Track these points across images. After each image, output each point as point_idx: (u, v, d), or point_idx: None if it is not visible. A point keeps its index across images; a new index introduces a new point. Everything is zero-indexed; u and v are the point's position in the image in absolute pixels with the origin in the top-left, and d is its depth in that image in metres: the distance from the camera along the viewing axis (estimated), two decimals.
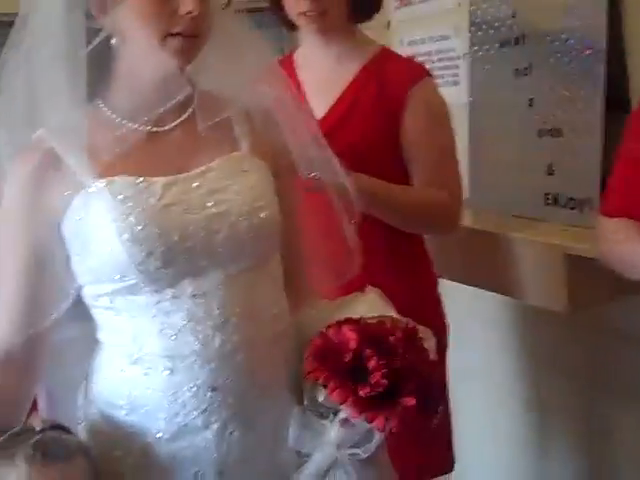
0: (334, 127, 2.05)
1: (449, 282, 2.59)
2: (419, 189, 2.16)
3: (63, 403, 1.58)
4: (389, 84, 2.13)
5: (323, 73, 2.20)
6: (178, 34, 1.40)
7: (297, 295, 1.57)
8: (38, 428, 1.40)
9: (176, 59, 1.42)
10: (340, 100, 2.15)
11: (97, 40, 1.40)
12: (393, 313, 1.52)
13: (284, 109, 1.56)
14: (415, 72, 2.19)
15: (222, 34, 1.49)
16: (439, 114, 2.18)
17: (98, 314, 1.49)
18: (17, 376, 1.48)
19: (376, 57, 2.20)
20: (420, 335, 1.44)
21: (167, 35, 1.40)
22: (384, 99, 2.12)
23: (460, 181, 2.22)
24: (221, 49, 1.50)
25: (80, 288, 1.48)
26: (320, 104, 2.12)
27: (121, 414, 1.46)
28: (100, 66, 1.44)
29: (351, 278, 1.63)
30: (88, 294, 1.48)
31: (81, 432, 1.50)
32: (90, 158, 1.42)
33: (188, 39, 1.42)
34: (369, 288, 1.60)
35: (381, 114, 2.12)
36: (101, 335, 1.51)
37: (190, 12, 1.39)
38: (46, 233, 1.44)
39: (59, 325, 1.49)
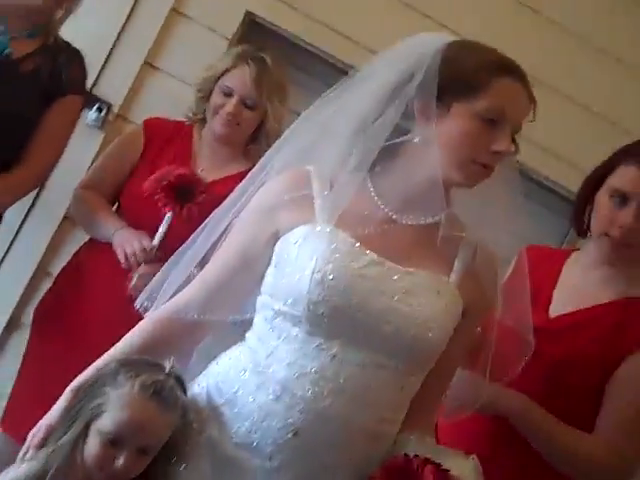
0: (566, 328, 2.02)
1: None
2: (572, 432, 1.97)
3: (193, 367, 1.75)
4: (632, 326, 2.01)
5: (582, 279, 2.11)
6: (481, 164, 1.60)
7: (417, 417, 1.67)
8: (166, 371, 1.57)
9: (467, 182, 1.62)
10: (584, 311, 2.05)
11: (404, 137, 1.62)
12: None
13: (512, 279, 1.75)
14: None
15: (499, 184, 1.67)
16: None
17: (257, 319, 1.66)
18: (179, 335, 1.69)
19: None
20: None
21: (471, 162, 1.60)
22: (620, 332, 2.00)
23: (632, 456, 2.00)
24: (488, 193, 1.68)
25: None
26: (562, 301, 2.08)
27: (220, 401, 1.62)
28: (387, 154, 1.64)
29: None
30: (260, 301, 1.66)
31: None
32: (334, 210, 1.62)
33: (486, 171, 1.61)
34: (474, 456, 1.67)
35: (609, 345, 1.99)
36: (249, 334, 1.67)
37: (500, 153, 1.59)
38: (265, 240, 1.65)
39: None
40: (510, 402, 1.94)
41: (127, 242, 2.42)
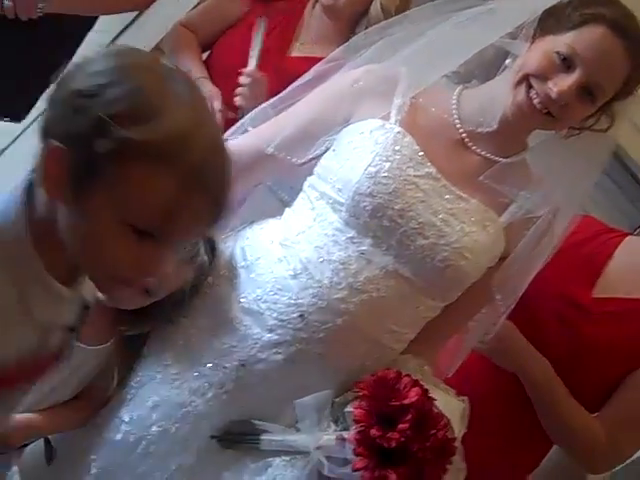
0: (607, 314, 1.95)
1: None
2: (581, 412, 1.93)
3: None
4: None
5: (635, 267, 2.02)
6: (528, 93, 1.56)
7: (423, 345, 1.66)
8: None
9: (510, 110, 1.58)
10: (630, 301, 1.96)
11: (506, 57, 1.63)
12: (457, 428, 1.57)
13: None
14: None
15: (588, 155, 1.66)
16: None
17: (300, 197, 1.66)
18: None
19: None
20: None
21: (523, 87, 1.56)
22: None
23: (628, 454, 2.01)
24: (568, 153, 1.66)
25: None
26: (610, 283, 1.99)
27: (240, 263, 1.63)
28: (484, 74, 1.65)
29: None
30: (309, 180, 1.65)
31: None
32: (409, 111, 1.61)
33: (529, 104, 1.55)
34: (465, 399, 1.65)
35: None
36: (288, 210, 1.67)
37: (552, 92, 1.53)
38: (336, 117, 1.65)
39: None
40: (533, 369, 1.90)
41: None
